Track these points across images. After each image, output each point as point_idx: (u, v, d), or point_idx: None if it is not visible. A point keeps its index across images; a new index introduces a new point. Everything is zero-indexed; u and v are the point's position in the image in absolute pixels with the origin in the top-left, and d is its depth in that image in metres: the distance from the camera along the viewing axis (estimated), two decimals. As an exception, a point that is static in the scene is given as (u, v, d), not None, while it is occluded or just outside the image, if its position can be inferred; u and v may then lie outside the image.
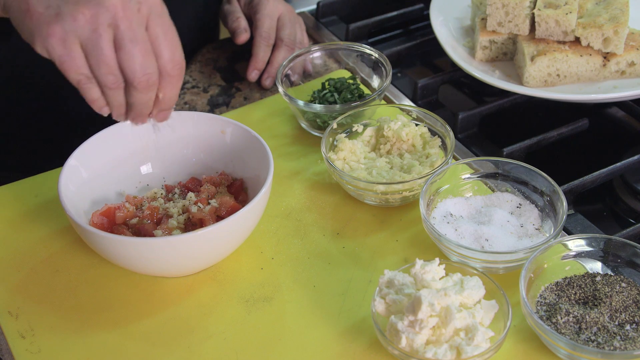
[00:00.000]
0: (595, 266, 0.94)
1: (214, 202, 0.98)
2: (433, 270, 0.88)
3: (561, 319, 0.86)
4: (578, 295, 0.90)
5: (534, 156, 1.17)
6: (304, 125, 1.18)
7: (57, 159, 1.05)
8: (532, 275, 0.90)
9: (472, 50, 1.29)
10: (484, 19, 1.26)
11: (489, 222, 0.98)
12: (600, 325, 0.85)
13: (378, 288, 0.89)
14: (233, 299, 0.95)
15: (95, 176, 1.01)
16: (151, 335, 0.91)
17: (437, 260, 0.89)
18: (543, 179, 1.00)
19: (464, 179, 1.04)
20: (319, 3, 1.48)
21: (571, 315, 0.86)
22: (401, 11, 1.48)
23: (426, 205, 0.99)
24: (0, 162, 1.33)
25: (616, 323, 0.86)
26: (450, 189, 1.03)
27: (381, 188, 1.02)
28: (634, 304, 0.88)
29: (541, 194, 1.00)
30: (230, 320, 0.92)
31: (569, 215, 1.07)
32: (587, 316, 0.86)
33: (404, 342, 0.83)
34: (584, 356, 0.83)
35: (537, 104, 1.27)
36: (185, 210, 0.99)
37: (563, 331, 0.85)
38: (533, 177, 1.01)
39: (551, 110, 1.28)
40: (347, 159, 1.08)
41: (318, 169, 1.13)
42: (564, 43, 1.19)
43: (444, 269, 0.90)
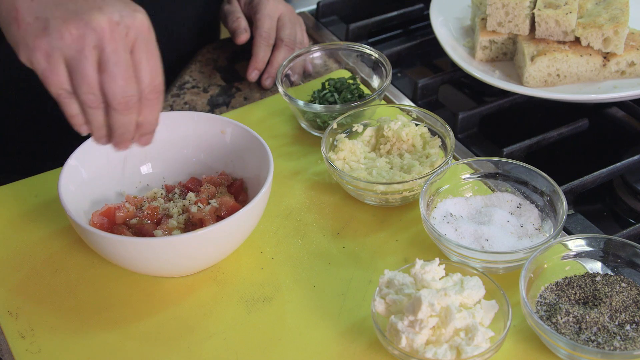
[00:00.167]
0: (595, 266, 0.94)
1: (214, 202, 0.98)
2: (433, 270, 0.88)
3: (561, 319, 0.86)
4: (578, 295, 0.89)
5: (534, 156, 1.17)
6: (304, 125, 1.18)
7: (56, 161, 1.05)
8: (532, 275, 0.90)
9: (472, 50, 1.29)
10: (484, 19, 1.26)
11: (489, 222, 0.98)
12: (600, 325, 0.85)
13: (378, 288, 0.89)
14: (233, 299, 0.95)
15: (95, 176, 1.01)
16: (151, 335, 0.91)
17: (437, 260, 0.89)
18: (543, 179, 1.00)
19: (464, 179, 1.04)
20: (319, 3, 1.48)
21: (571, 315, 0.86)
22: (401, 11, 1.48)
23: (426, 205, 0.99)
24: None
25: (616, 323, 0.86)
26: (450, 189, 1.03)
27: (381, 188, 1.02)
28: (634, 304, 0.88)
29: (541, 194, 1.00)
30: (230, 320, 0.92)
31: (569, 215, 1.07)
32: (587, 316, 0.86)
33: (404, 342, 0.83)
34: (584, 356, 0.83)
35: (537, 104, 1.27)
36: (185, 210, 0.99)
37: (563, 331, 0.85)
38: (533, 177, 1.01)
39: (551, 110, 1.28)
40: (347, 159, 1.08)
41: (318, 169, 1.13)
42: (564, 43, 1.19)
43: (444, 269, 0.90)
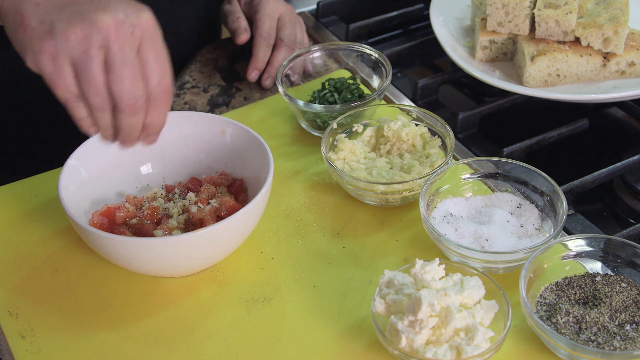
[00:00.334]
0: (595, 266, 0.94)
1: (214, 202, 0.98)
2: (433, 270, 0.88)
3: (561, 319, 0.86)
4: (578, 295, 0.89)
5: (534, 156, 1.17)
6: (304, 125, 1.18)
7: (56, 161, 1.05)
8: (532, 275, 0.90)
9: (472, 50, 1.29)
10: (484, 19, 1.26)
11: (489, 222, 0.98)
12: (600, 325, 0.85)
13: (378, 288, 0.89)
14: (233, 299, 0.95)
15: (95, 176, 1.01)
16: (151, 335, 0.91)
17: (437, 260, 0.89)
18: (543, 179, 1.00)
19: (464, 179, 1.04)
20: (319, 3, 1.48)
21: (571, 315, 0.86)
22: (401, 11, 1.47)
23: (426, 205, 0.99)
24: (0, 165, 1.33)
25: (616, 323, 0.86)
26: (450, 189, 1.03)
27: (381, 188, 1.02)
28: (634, 304, 0.88)
29: (541, 194, 1.00)
30: (230, 320, 0.92)
31: (569, 215, 1.07)
32: (587, 316, 0.86)
33: (404, 342, 0.83)
34: (584, 356, 0.83)
35: (537, 104, 1.27)
36: (185, 210, 0.99)
37: (563, 331, 0.85)
38: (533, 177, 1.01)
39: (551, 110, 1.28)
40: (347, 159, 1.08)
41: (318, 169, 1.13)
42: (564, 43, 1.19)
43: (444, 269, 0.90)
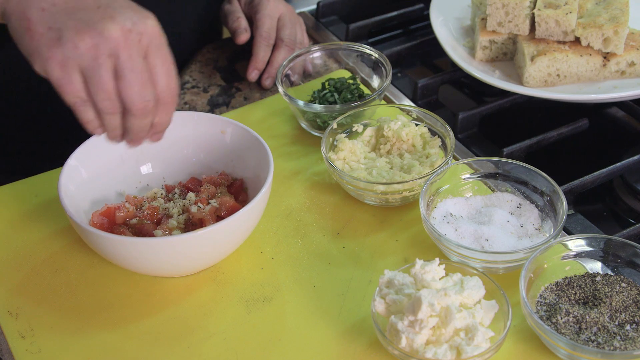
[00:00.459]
0: (595, 266, 0.94)
1: (214, 202, 0.98)
2: (433, 270, 0.88)
3: (561, 319, 0.86)
4: (578, 295, 0.89)
5: (534, 156, 1.17)
6: (304, 125, 1.18)
7: (56, 161, 1.05)
8: (532, 275, 0.90)
9: (472, 50, 1.29)
10: (484, 19, 1.26)
11: (489, 222, 0.98)
12: (600, 325, 0.85)
13: (378, 288, 0.89)
14: (233, 299, 0.95)
15: (95, 176, 1.01)
16: (151, 335, 0.91)
17: (437, 260, 0.89)
18: (543, 179, 1.00)
19: (464, 179, 1.04)
20: (319, 3, 1.48)
21: (571, 315, 0.86)
22: (401, 11, 1.48)
23: (426, 205, 0.99)
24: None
25: (616, 323, 0.86)
26: (450, 189, 1.03)
27: (381, 188, 1.02)
28: (634, 304, 0.88)
29: (541, 194, 1.00)
30: (230, 320, 0.92)
31: (569, 215, 1.07)
32: (587, 316, 0.86)
33: (404, 342, 0.83)
34: (584, 356, 0.83)
35: (537, 104, 1.27)
36: (185, 210, 0.99)
37: (563, 331, 0.85)
38: (533, 177, 1.01)
39: (551, 110, 1.28)
40: (347, 159, 1.08)
41: (318, 169, 1.13)
42: (564, 43, 1.19)
43: (444, 269, 0.90)
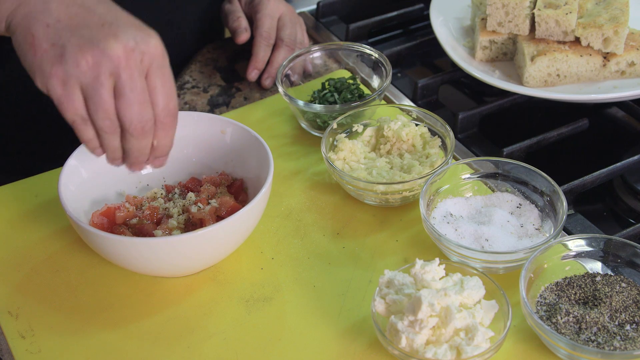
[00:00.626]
0: (595, 266, 0.94)
1: (214, 202, 0.98)
2: (433, 270, 0.88)
3: (561, 319, 0.86)
4: (578, 295, 0.89)
5: (534, 156, 1.17)
6: (304, 125, 1.18)
7: (56, 161, 1.05)
8: (532, 275, 0.90)
9: (472, 50, 1.29)
10: (484, 19, 1.26)
11: (489, 222, 0.98)
12: (600, 325, 0.85)
13: (378, 288, 0.89)
14: (233, 299, 0.95)
15: (95, 176, 1.01)
16: (151, 335, 0.91)
17: (437, 260, 0.89)
18: (543, 179, 1.00)
19: (464, 179, 1.04)
20: (319, 3, 1.48)
21: (571, 315, 0.86)
22: (401, 11, 1.48)
23: (426, 205, 0.99)
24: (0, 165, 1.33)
25: (616, 323, 0.86)
26: (450, 189, 1.03)
27: (381, 188, 1.02)
28: (634, 304, 0.88)
29: (541, 194, 1.00)
30: (230, 320, 0.92)
31: (569, 215, 1.07)
32: (587, 316, 0.86)
33: (404, 342, 0.83)
34: (584, 356, 0.83)
35: (537, 104, 1.27)
36: (185, 210, 0.99)
37: (563, 331, 0.85)
38: (533, 177, 1.01)
39: (551, 110, 1.28)
40: (347, 159, 1.08)
41: (318, 169, 1.13)
42: (564, 43, 1.19)
43: (444, 269, 0.90)
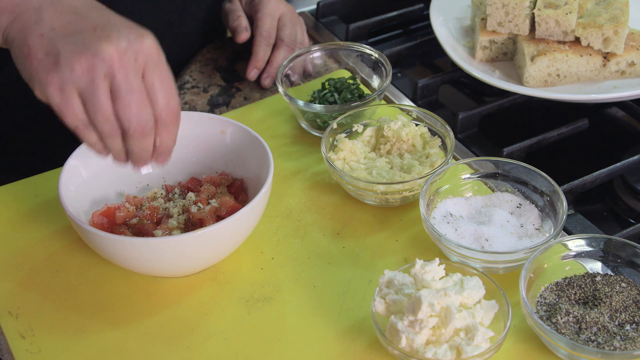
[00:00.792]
0: (595, 266, 0.94)
1: (214, 202, 0.98)
2: (433, 270, 0.88)
3: (561, 319, 0.86)
4: (578, 295, 0.89)
5: (534, 156, 1.17)
6: (304, 125, 1.18)
7: (56, 161, 1.05)
8: (532, 275, 0.90)
9: (472, 50, 1.29)
10: (484, 19, 1.26)
11: (489, 222, 0.98)
12: (600, 325, 0.85)
13: (378, 288, 0.89)
14: (233, 299, 0.95)
15: (95, 176, 1.01)
16: (151, 335, 0.91)
17: (437, 260, 0.89)
18: (543, 179, 1.00)
19: (464, 179, 1.04)
20: (319, 3, 1.48)
21: (571, 315, 0.86)
22: (401, 11, 1.48)
23: (426, 205, 0.99)
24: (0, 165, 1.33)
25: (616, 323, 0.86)
26: (450, 189, 1.03)
27: (381, 188, 1.02)
28: (634, 304, 0.88)
29: (541, 194, 1.00)
30: (230, 320, 0.92)
31: (569, 215, 1.07)
32: (587, 316, 0.86)
33: (404, 342, 0.83)
34: (584, 356, 0.83)
35: (537, 104, 1.27)
36: (185, 210, 0.99)
37: (563, 331, 0.85)
38: (533, 177, 1.01)
39: (551, 110, 1.28)
40: (347, 159, 1.08)
41: (318, 169, 1.13)
42: (564, 43, 1.19)
43: (444, 269, 0.90)
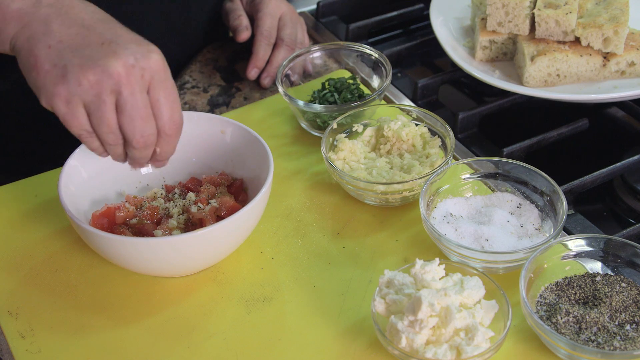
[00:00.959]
0: (595, 266, 0.94)
1: (214, 202, 0.98)
2: (433, 270, 0.88)
3: (561, 319, 0.86)
4: (578, 295, 0.89)
5: (534, 156, 1.17)
6: (304, 125, 1.18)
7: (56, 161, 1.05)
8: (532, 275, 0.90)
9: (472, 50, 1.29)
10: (484, 19, 1.26)
11: (489, 222, 0.98)
12: (600, 325, 0.85)
13: (378, 288, 0.89)
14: (233, 299, 0.95)
15: (95, 176, 1.01)
16: (151, 335, 0.91)
17: (437, 260, 0.89)
18: (543, 179, 1.00)
19: (464, 179, 1.04)
20: (319, 3, 1.48)
21: (571, 315, 0.86)
22: (401, 11, 1.48)
23: (426, 205, 0.99)
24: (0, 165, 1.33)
25: (616, 323, 0.86)
26: (450, 189, 1.03)
27: (381, 188, 1.02)
28: (634, 304, 0.88)
29: (541, 194, 1.00)
30: (230, 320, 0.92)
31: (569, 215, 1.07)
32: (587, 316, 0.86)
33: (404, 342, 0.83)
34: (584, 356, 0.83)
35: (537, 104, 1.27)
36: (185, 210, 0.99)
37: (563, 331, 0.85)
38: (533, 177, 1.01)
39: (551, 110, 1.28)
40: (347, 159, 1.08)
41: (318, 169, 1.13)
42: (564, 43, 1.19)
43: (444, 269, 0.90)
